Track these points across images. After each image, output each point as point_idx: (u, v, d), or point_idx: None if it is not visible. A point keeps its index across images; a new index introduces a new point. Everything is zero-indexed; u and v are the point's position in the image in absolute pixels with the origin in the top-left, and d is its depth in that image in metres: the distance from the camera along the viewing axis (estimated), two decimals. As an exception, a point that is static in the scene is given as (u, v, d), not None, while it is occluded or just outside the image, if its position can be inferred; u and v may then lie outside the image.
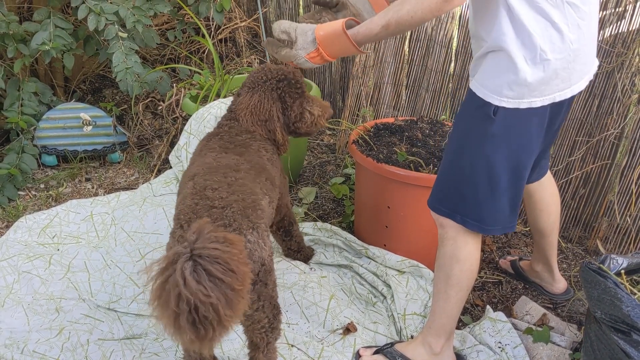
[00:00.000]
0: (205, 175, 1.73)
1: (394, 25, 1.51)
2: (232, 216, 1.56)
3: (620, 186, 2.45)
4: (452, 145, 1.74)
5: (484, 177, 1.65)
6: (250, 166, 1.84)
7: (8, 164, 3.07)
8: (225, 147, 1.93)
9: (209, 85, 3.14)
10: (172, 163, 2.92)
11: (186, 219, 1.58)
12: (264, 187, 1.83)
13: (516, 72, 1.51)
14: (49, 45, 2.93)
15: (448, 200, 1.74)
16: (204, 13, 3.45)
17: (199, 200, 1.62)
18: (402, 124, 2.74)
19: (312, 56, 1.63)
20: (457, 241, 1.76)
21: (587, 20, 1.51)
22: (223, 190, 1.65)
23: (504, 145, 1.61)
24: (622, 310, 1.47)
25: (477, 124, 1.63)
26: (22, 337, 2.09)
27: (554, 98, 1.55)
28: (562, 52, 1.49)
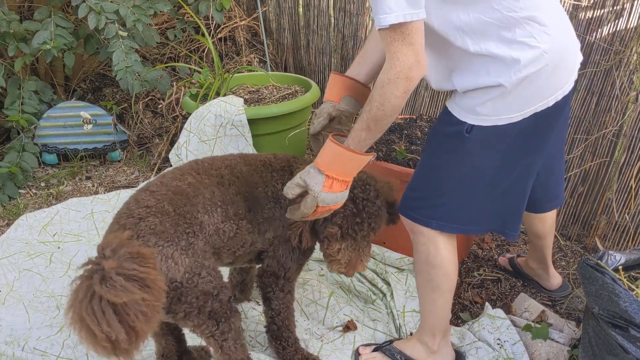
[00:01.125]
0: (170, 175, 1.70)
1: (373, 124, 1.49)
2: (144, 229, 1.48)
3: (619, 184, 2.45)
4: (426, 158, 1.73)
5: (459, 188, 1.65)
6: (227, 177, 1.73)
7: (9, 163, 3.08)
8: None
9: (209, 84, 3.15)
10: (172, 161, 2.93)
11: (116, 221, 1.55)
12: (220, 200, 1.67)
13: (492, 91, 1.49)
14: (49, 44, 2.94)
15: (422, 208, 1.73)
16: (203, 12, 3.45)
17: (130, 203, 1.58)
18: (402, 122, 2.75)
19: (328, 185, 1.57)
20: (429, 247, 1.75)
21: (554, 25, 1.48)
22: (157, 194, 1.58)
23: (480, 158, 1.60)
24: (619, 306, 1.47)
25: (450, 141, 1.62)
26: (23, 335, 2.09)
27: (536, 109, 1.53)
28: (537, 64, 1.46)
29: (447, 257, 1.76)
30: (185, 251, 1.50)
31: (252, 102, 3.12)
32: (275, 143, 2.96)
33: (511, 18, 1.42)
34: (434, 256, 1.75)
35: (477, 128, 1.55)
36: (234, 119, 2.78)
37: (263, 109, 2.89)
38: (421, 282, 1.84)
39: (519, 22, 1.43)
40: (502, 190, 1.66)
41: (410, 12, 1.34)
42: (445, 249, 1.75)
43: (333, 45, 3.94)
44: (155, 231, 1.48)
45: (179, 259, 1.48)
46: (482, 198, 1.66)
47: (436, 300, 1.82)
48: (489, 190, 1.65)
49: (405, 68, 1.38)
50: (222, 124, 2.79)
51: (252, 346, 2.04)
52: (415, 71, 1.39)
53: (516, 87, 1.48)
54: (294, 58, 4.40)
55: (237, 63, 4.23)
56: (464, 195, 1.66)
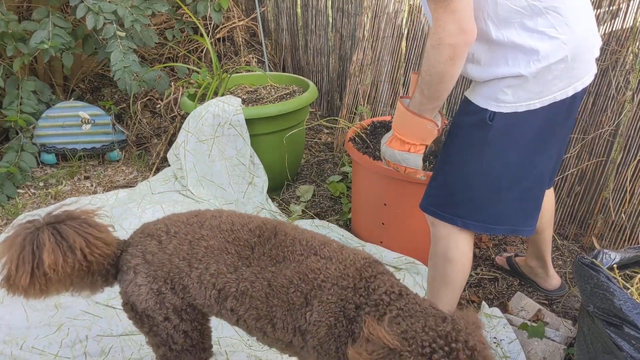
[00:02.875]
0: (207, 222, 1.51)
1: (426, 89, 1.53)
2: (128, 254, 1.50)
3: (615, 183, 2.46)
4: (449, 153, 1.73)
5: (485, 182, 1.66)
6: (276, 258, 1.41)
7: (7, 162, 3.09)
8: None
9: (207, 84, 3.16)
10: (170, 161, 2.94)
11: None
12: (231, 267, 1.42)
13: (511, 80, 1.52)
14: (47, 44, 2.95)
15: (447, 206, 1.73)
16: (202, 12, 3.46)
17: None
18: None
19: (389, 141, 1.70)
20: (449, 241, 1.76)
21: (575, 17, 1.50)
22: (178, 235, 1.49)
23: (503, 150, 1.61)
24: (614, 304, 1.48)
25: (473, 132, 1.63)
26: (21, 333, 2.10)
27: (554, 98, 1.55)
28: (556, 55, 1.49)
29: (466, 252, 1.77)
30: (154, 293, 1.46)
31: (250, 102, 3.13)
32: (273, 143, 2.97)
33: (534, 7, 1.44)
34: (453, 251, 1.76)
35: (499, 115, 1.56)
36: (232, 119, 2.79)
37: (261, 108, 2.90)
38: (434, 275, 1.84)
39: (541, 11, 1.45)
40: (526, 186, 1.67)
41: None
42: (465, 244, 1.76)
43: (331, 46, 3.95)
44: (146, 259, 1.47)
45: (139, 289, 1.47)
46: (507, 194, 1.67)
47: (445, 296, 1.83)
48: (514, 185, 1.66)
49: (447, 35, 1.39)
50: (220, 123, 2.80)
51: (249, 345, 2.05)
52: (457, 38, 1.39)
53: (535, 76, 1.50)
54: (292, 58, 4.41)
55: (235, 63, 4.24)
56: (489, 191, 1.66)
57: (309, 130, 3.96)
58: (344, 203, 2.93)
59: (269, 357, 1.93)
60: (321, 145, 3.78)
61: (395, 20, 3.27)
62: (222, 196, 2.84)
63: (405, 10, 3.24)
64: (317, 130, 3.99)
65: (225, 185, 2.84)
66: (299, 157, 3.26)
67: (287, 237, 1.42)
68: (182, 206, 2.67)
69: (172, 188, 2.87)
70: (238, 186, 2.88)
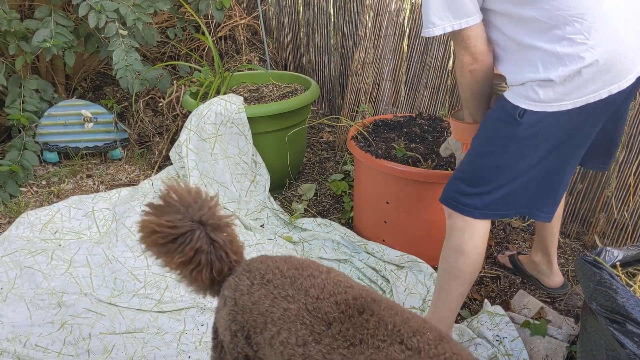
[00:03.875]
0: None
1: (466, 104, 1.85)
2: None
3: (618, 181, 2.46)
4: (477, 146, 1.77)
5: (506, 176, 1.69)
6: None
7: (10, 161, 3.09)
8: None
9: (209, 82, 3.16)
10: (172, 159, 2.94)
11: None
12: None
13: (544, 79, 1.55)
14: (50, 43, 2.95)
15: (468, 197, 1.75)
16: (203, 11, 3.46)
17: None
18: (401, 120, 2.76)
19: (463, 150, 2.03)
20: (464, 233, 1.78)
21: (606, 22, 1.51)
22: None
23: (529, 146, 1.64)
24: (617, 302, 1.48)
25: (501, 126, 1.66)
26: (24, 331, 2.11)
27: (587, 100, 1.56)
28: (585, 59, 1.51)
29: (480, 246, 1.79)
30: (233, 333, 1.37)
31: (252, 101, 3.13)
32: (275, 141, 2.97)
33: (560, 16, 1.51)
34: (466, 243, 1.77)
35: (529, 113, 1.60)
36: (234, 117, 2.79)
37: (263, 107, 2.90)
38: (445, 268, 1.85)
39: (568, 20, 1.51)
40: (557, 180, 1.71)
41: (458, 22, 1.61)
42: (480, 238, 1.78)
43: (333, 44, 3.95)
44: (235, 296, 1.38)
45: (223, 328, 1.40)
46: (525, 184, 1.69)
47: (454, 290, 1.83)
48: (533, 178, 1.69)
49: (466, 65, 1.70)
50: (222, 122, 2.80)
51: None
52: (474, 66, 1.69)
53: (564, 80, 1.54)
54: (293, 56, 4.41)
55: (237, 61, 4.24)
56: (509, 183, 1.69)
57: (311, 129, 3.96)
58: (346, 201, 2.93)
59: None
60: (323, 143, 3.78)
61: (397, 18, 3.27)
62: (224, 194, 2.84)
63: (407, 8, 3.24)
64: (319, 128, 3.99)
65: (228, 183, 2.84)
66: (301, 156, 3.27)
67: (373, 317, 1.21)
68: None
69: (174, 186, 2.87)
70: (240, 184, 2.88)
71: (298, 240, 2.66)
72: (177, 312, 2.23)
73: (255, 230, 2.72)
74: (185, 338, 2.09)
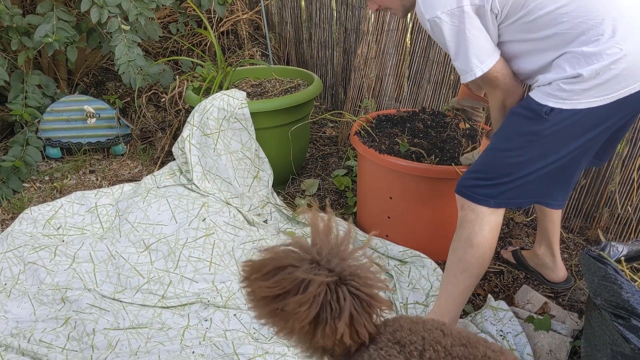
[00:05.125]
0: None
1: (500, 120, 1.85)
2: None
3: (621, 176, 2.46)
4: (498, 141, 1.77)
5: (524, 170, 1.70)
6: None
7: (13, 157, 3.09)
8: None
9: (212, 78, 3.15)
10: (175, 155, 2.94)
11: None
12: None
13: (572, 79, 1.57)
14: (51, 38, 2.95)
15: (484, 188, 1.77)
16: (206, 5, 3.45)
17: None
18: (404, 115, 2.76)
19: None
20: (474, 225, 1.78)
21: (630, 21, 1.53)
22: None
23: (555, 142, 1.65)
24: (621, 297, 1.48)
25: (526, 123, 1.67)
26: (28, 327, 2.11)
27: (617, 96, 1.57)
28: (615, 55, 1.52)
29: (489, 239, 1.79)
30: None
31: (254, 96, 3.12)
32: (278, 136, 2.96)
33: (582, 23, 1.56)
34: (476, 235, 1.78)
35: (557, 110, 1.61)
36: (237, 113, 2.79)
37: (266, 102, 2.90)
38: (453, 259, 1.85)
39: (590, 25, 1.55)
40: (568, 174, 1.73)
41: (481, 67, 1.69)
42: (490, 231, 1.79)
43: (335, 39, 3.94)
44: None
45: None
46: (543, 176, 1.71)
47: (461, 283, 1.84)
48: (551, 170, 1.70)
49: (499, 102, 1.80)
50: (225, 117, 2.80)
51: (256, 339, 2.05)
52: (508, 100, 1.79)
53: (594, 76, 1.55)
54: (296, 51, 4.40)
55: (239, 57, 4.23)
56: (527, 175, 1.71)
57: (314, 124, 3.95)
58: (349, 197, 2.93)
59: (276, 350, 1.93)
60: (326, 139, 3.77)
61: (400, 13, 3.26)
62: (227, 190, 2.84)
63: (410, 3, 3.23)
64: (322, 124, 3.98)
65: (231, 179, 2.84)
66: (303, 151, 3.26)
67: None
68: (187, 200, 2.67)
69: (177, 182, 2.87)
70: (243, 180, 2.88)
71: (301, 235, 2.66)
72: (181, 308, 2.23)
73: (259, 225, 2.72)
74: (189, 333, 2.09)
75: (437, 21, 1.69)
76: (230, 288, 2.32)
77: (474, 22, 1.66)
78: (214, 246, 2.48)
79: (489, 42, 1.70)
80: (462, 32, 1.67)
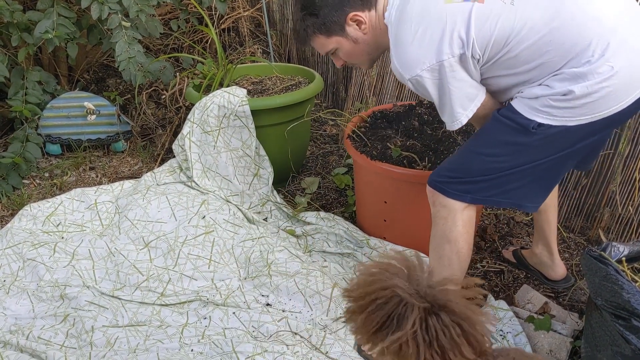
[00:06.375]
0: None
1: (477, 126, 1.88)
2: None
3: (623, 176, 2.45)
4: (477, 143, 1.75)
5: (506, 174, 1.69)
6: None
7: (12, 153, 3.09)
8: None
9: (212, 75, 3.14)
10: (175, 152, 2.93)
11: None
12: None
13: (564, 92, 1.54)
14: (52, 34, 2.94)
15: (461, 184, 1.75)
16: (207, 2, 3.45)
17: None
18: (400, 111, 2.74)
19: None
20: (447, 221, 1.77)
21: (614, 36, 1.51)
22: None
23: (540, 154, 1.64)
24: (622, 297, 1.48)
25: (512, 133, 1.64)
26: (27, 324, 2.11)
27: (609, 112, 1.55)
28: (607, 73, 1.50)
29: (464, 234, 1.78)
30: None
31: (255, 93, 3.12)
32: (278, 134, 2.96)
33: (569, 49, 1.52)
34: (450, 230, 1.77)
35: (546, 126, 1.58)
36: (238, 110, 2.78)
37: (266, 100, 2.89)
38: (434, 257, 1.85)
39: (579, 49, 1.51)
40: (551, 178, 1.73)
41: (466, 113, 1.67)
42: (463, 227, 1.77)
43: (337, 36, 3.93)
44: None
45: None
46: (523, 178, 1.70)
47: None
48: (533, 174, 1.69)
49: (481, 122, 1.78)
50: (225, 114, 2.79)
51: (255, 337, 2.05)
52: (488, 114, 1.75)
53: (586, 94, 1.52)
54: (297, 49, 4.39)
55: (240, 54, 4.22)
56: (507, 176, 1.70)
57: (314, 122, 3.94)
58: (350, 195, 2.92)
59: (275, 348, 1.93)
60: (326, 137, 3.77)
61: (402, 11, 3.24)
62: (227, 188, 2.84)
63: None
64: (322, 122, 3.98)
65: (231, 176, 2.83)
66: (304, 149, 3.25)
67: None
68: (187, 197, 2.67)
69: (177, 179, 2.87)
70: (243, 177, 2.87)
71: (301, 233, 2.66)
72: (180, 306, 2.23)
73: (259, 223, 2.71)
74: (188, 331, 2.08)
75: (418, 79, 1.64)
76: (229, 286, 2.31)
77: (456, 74, 1.61)
78: (213, 244, 2.47)
79: (472, 86, 1.66)
80: (444, 85, 1.63)
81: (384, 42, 1.80)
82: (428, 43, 1.58)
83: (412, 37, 1.61)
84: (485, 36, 1.56)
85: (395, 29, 1.68)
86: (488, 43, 1.57)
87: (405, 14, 1.65)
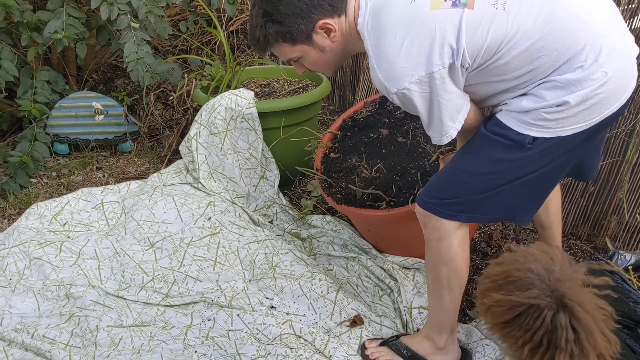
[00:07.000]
0: None
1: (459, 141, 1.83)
2: None
3: (630, 184, 2.43)
4: (467, 163, 1.70)
5: (501, 190, 1.65)
6: None
7: (20, 152, 3.11)
8: None
9: (220, 77, 3.15)
10: (182, 153, 2.94)
11: None
12: None
13: (556, 108, 1.51)
14: (61, 34, 2.95)
15: (454, 205, 1.70)
16: (216, 4, 3.45)
17: None
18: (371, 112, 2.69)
19: None
20: (441, 243, 1.73)
21: (603, 39, 1.49)
22: None
23: (535, 168, 1.61)
24: (628, 306, 1.47)
25: (506, 152, 1.60)
26: (32, 322, 2.12)
27: (601, 118, 1.54)
28: (600, 80, 1.48)
29: (460, 253, 1.75)
30: None
31: (263, 96, 3.12)
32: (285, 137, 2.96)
33: (561, 54, 1.48)
34: (446, 252, 1.73)
35: (540, 139, 1.55)
36: (245, 112, 2.78)
37: (274, 102, 2.89)
38: (431, 278, 1.83)
39: (571, 54, 1.48)
40: (545, 190, 1.70)
41: (455, 126, 1.61)
42: (459, 245, 1.73)
43: (345, 40, 3.93)
44: None
45: None
46: (516, 191, 1.66)
47: (444, 297, 1.81)
48: (526, 185, 1.66)
49: (473, 131, 1.70)
50: (232, 116, 2.80)
51: (258, 339, 2.05)
52: (476, 124, 1.69)
53: (581, 102, 1.50)
54: (305, 52, 4.38)
55: (248, 56, 4.23)
56: (500, 194, 1.66)
57: (321, 125, 3.94)
58: (355, 198, 2.92)
59: (279, 351, 1.93)
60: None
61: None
62: (233, 189, 2.84)
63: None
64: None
65: (237, 178, 2.84)
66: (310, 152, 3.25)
67: None
68: (193, 198, 2.67)
69: (183, 180, 2.88)
70: (250, 180, 2.87)
71: (306, 236, 2.66)
72: (184, 307, 2.23)
73: (264, 226, 2.71)
74: (192, 333, 2.09)
75: (405, 93, 1.54)
76: (234, 288, 2.31)
77: (446, 86, 1.53)
78: (218, 246, 2.47)
79: (460, 96, 1.59)
80: (434, 98, 1.55)
81: (354, 48, 1.72)
82: (417, 54, 1.49)
83: (397, 48, 1.50)
84: (477, 44, 1.49)
85: (375, 39, 1.57)
86: (479, 51, 1.50)
87: (383, 21, 1.55)
